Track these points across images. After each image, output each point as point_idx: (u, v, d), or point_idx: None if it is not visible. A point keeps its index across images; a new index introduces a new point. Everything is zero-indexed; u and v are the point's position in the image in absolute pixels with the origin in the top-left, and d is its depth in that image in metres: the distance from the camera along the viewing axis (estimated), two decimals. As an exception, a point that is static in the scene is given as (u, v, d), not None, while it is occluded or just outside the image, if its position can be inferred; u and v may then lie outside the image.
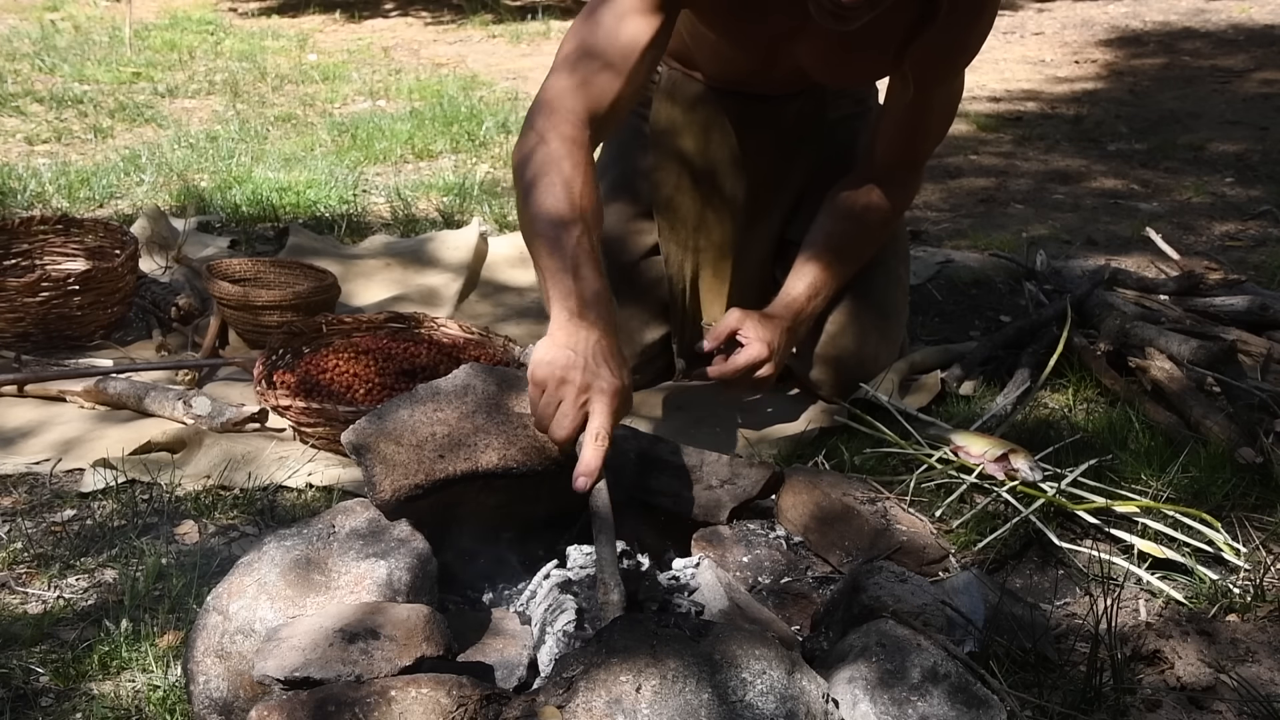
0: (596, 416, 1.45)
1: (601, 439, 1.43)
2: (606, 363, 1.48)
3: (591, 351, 1.48)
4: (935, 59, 1.92)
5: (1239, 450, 1.86)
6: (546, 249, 1.60)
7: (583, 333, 1.50)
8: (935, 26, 1.86)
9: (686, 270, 2.23)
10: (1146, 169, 3.91)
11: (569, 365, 1.46)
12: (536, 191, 1.66)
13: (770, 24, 1.92)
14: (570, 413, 1.44)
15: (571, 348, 1.48)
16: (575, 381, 1.45)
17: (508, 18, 6.80)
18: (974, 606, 1.46)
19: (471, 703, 1.16)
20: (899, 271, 2.25)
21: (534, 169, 1.68)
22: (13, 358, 2.35)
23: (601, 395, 1.45)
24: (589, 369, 1.46)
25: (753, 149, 2.15)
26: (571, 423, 1.45)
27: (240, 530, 1.81)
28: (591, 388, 1.45)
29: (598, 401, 1.45)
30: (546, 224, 1.62)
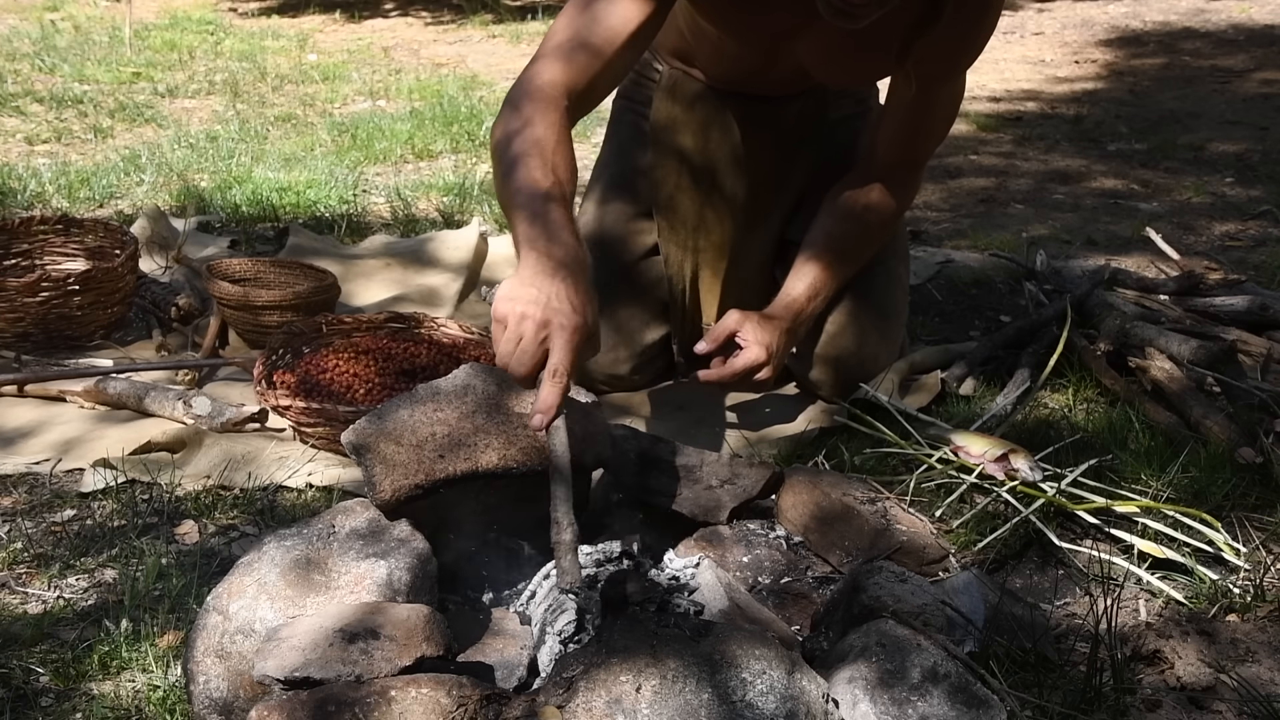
0: (555, 352, 1.42)
1: (560, 375, 1.40)
2: (569, 299, 1.45)
3: (556, 290, 1.45)
4: (939, 58, 1.92)
5: (1239, 450, 1.86)
6: (527, 219, 1.57)
7: (547, 272, 1.48)
8: (940, 25, 1.86)
9: (686, 270, 2.23)
10: (1146, 169, 3.91)
11: (530, 300, 1.43)
12: (519, 168, 1.64)
13: (773, 20, 1.92)
14: (530, 349, 1.42)
15: (535, 285, 1.45)
16: (535, 317, 1.42)
17: (508, 18, 6.80)
18: (974, 606, 1.46)
19: (471, 703, 1.16)
20: (899, 271, 2.25)
21: (517, 146, 1.66)
22: (13, 358, 2.35)
23: (561, 331, 1.42)
24: (549, 305, 1.43)
25: (753, 149, 2.15)
26: (531, 359, 1.42)
27: (240, 530, 1.81)
28: (551, 323, 1.42)
29: (557, 337, 1.42)
30: (527, 197, 1.60)
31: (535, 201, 1.58)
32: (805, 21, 1.85)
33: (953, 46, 1.92)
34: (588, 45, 1.78)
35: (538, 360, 1.42)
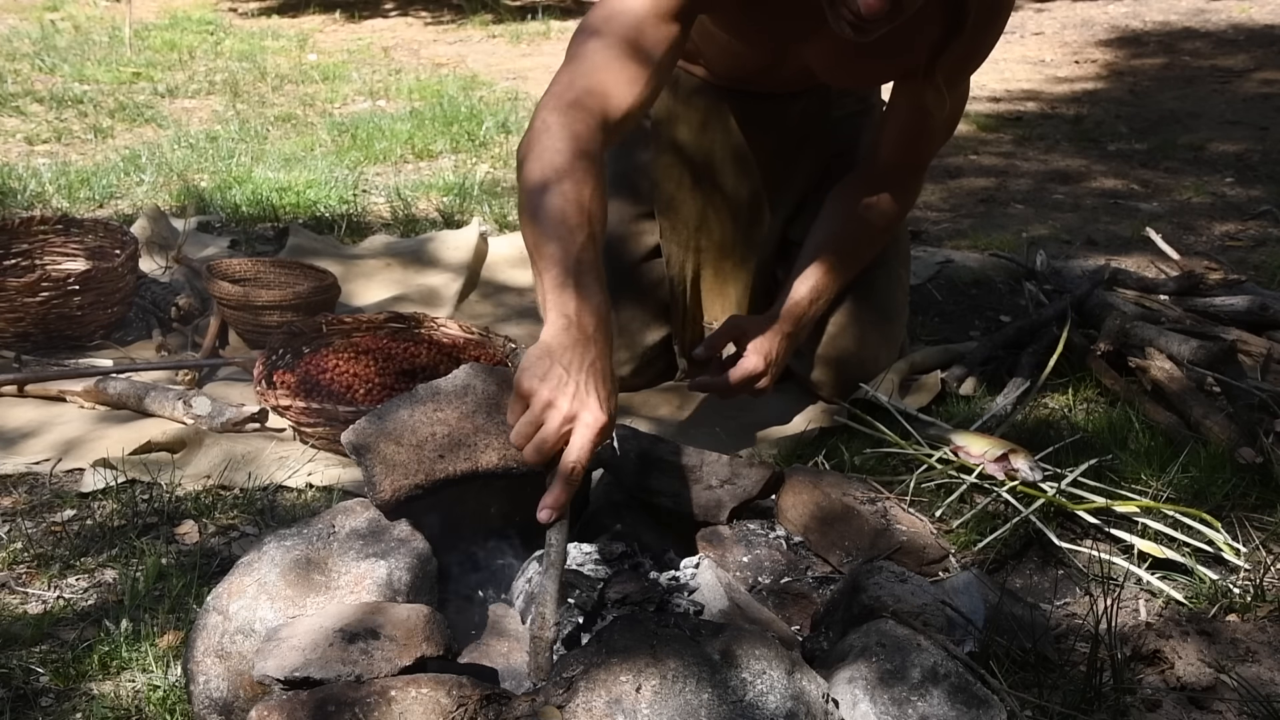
0: (575, 450, 1.36)
1: (577, 474, 1.36)
2: (597, 391, 1.39)
3: (585, 375, 1.40)
4: (948, 64, 1.92)
5: (1239, 450, 1.86)
6: (549, 255, 1.51)
7: (579, 349, 1.41)
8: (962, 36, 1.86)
9: (688, 270, 2.23)
10: (1146, 169, 3.91)
11: (558, 386, 1.38)
12: (545, 196, 1.58)
13: (783, 26, 1.92)
14: (550, 440, 1.37)
15: (565, 366, 1.39)
16: (562, 410, 1.37)
17: (508, 18, 6.80)
18: (974, 606, 1.46)
19: (471, 703, 1.16)
20: (900, 272, 2.25)
21: (544, 173, 1.59)
22: (13, 358, 2.35)
23: (586, 429, 1.36)
24: (579, 396, 1.38)
25: (755, 148, 2.15)
26: (550, 449, 1.37)
27: (240, 530, 1.81)
28: (578, 418, 1.37)
29: (580, 435, 1.37)
30: (552, 230, 1.53)
31: (569, 255, 1.50)
32: (815, 27, 1.84)
33: (964, 53, 1.92)
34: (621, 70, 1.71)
35: (556, 450, 1.37)
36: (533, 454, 1.37)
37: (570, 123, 1.64)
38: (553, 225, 1.54)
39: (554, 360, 1.39)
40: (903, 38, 1.82)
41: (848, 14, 1.68)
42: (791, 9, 1.86)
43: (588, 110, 1.66)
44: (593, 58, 1.72)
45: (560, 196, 1.56)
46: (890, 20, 1.68)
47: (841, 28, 1.72)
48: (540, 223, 1.55)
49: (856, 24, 1.69)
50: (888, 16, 1.67)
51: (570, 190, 1.57)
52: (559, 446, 1.37)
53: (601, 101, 1.68)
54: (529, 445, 1.38)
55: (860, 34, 1.71)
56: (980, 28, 1.89)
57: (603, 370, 1.42)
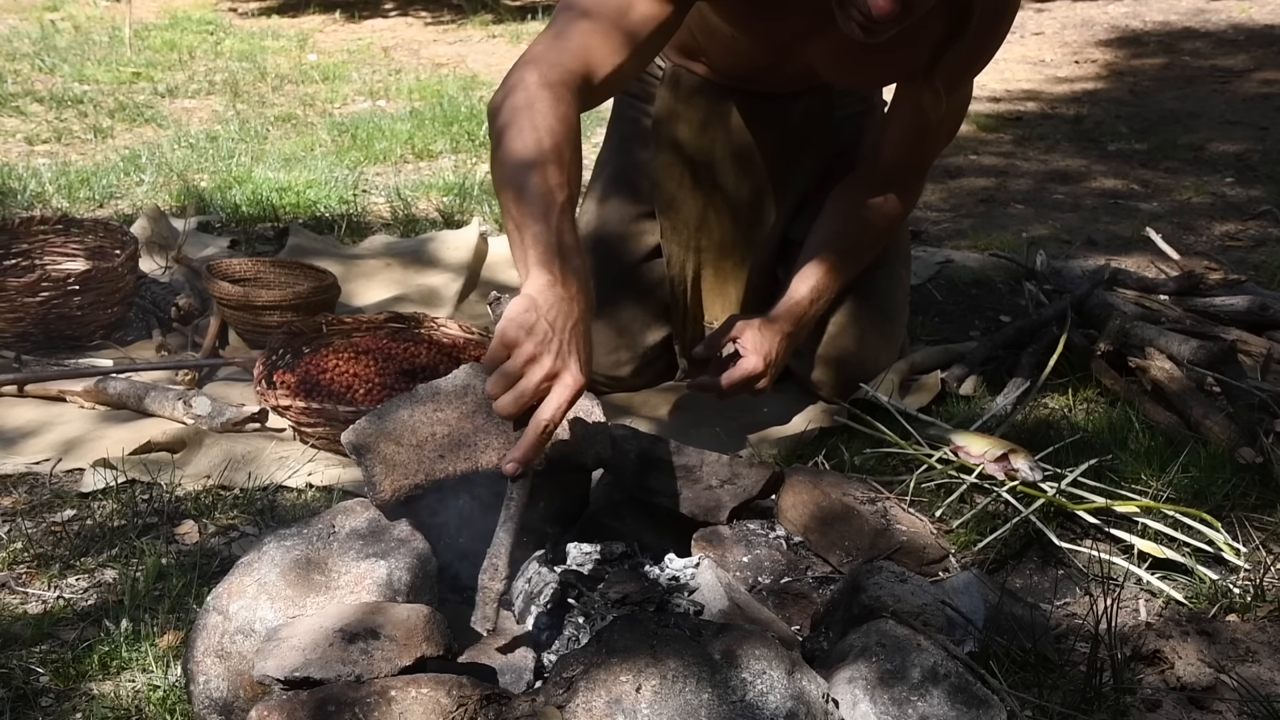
0: (551, 407, 1.38)
1: (549, 431, 1.38)
2: (578, 353, 1.42)
3: (569, 335, 1.41)
4: (952, 66, 1.92)
5: (1239, 450, 1.86)
6: (514, 195, 1.51)
7: (563, 307, 1.42)
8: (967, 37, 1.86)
9: (688, 270, 2.23)
10: (1146, 169, 3.91)
11: (544, 342, 1.38)
12: (508, 135, 1.57)
13: (789, 23, 1.91)
14: (527, 394, 1.37)
15: (550, 322, 1.40)
16: (544, 365, 1.38)
17: (508, 18, 6.79)
18: (974, 606, 1.46)
19: (471, 703, 1.16)
20: (900, 272, 2.25)
21: (508, 114, 1.59)
22: (13, 358, 2.35)
23: (564, 389, 1.38)
24: (561, 355, 1.39)
25: (757, 147, 2.15)
26: (525, 404, 1.38)
27: (240, 530, 1.81)
28: (559, 377, 1.38)
29: (558, 394, 1.38)
30: (515, 168, 1.53)
31: (550, 215, 1.50)
32: (820, 25, 1.84)
33: (966, 56, 1.92)
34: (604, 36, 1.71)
35: (530, 406, 1.38)
36: (509, 405, 1.38)
37: (542, 73, 1.64)
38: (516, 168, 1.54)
39: (539, 315, 1.40)
40: (908, 38, 1.81)
41: (857, 15, 1.68)
42: (798, 6, 1.86)
43: (565, 71, 1.66)
44: (577, 22, 1.72)
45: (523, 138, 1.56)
46: (900, 22, 1.68)
47: (850, 28, 1.71)
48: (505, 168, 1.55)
49: (866, 25, 1.68)
50: (898, 18, 1.66)
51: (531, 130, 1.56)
52: (535, 402, 1.38)
53: (580, 66, 1.68)
54: (506, 396, 1.38)
55: (869, 35, 1.70)
56: (984, 31, 1.89)
57: (584, 333, 1.44)
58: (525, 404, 1.38)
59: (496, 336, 1.39)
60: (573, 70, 1.67)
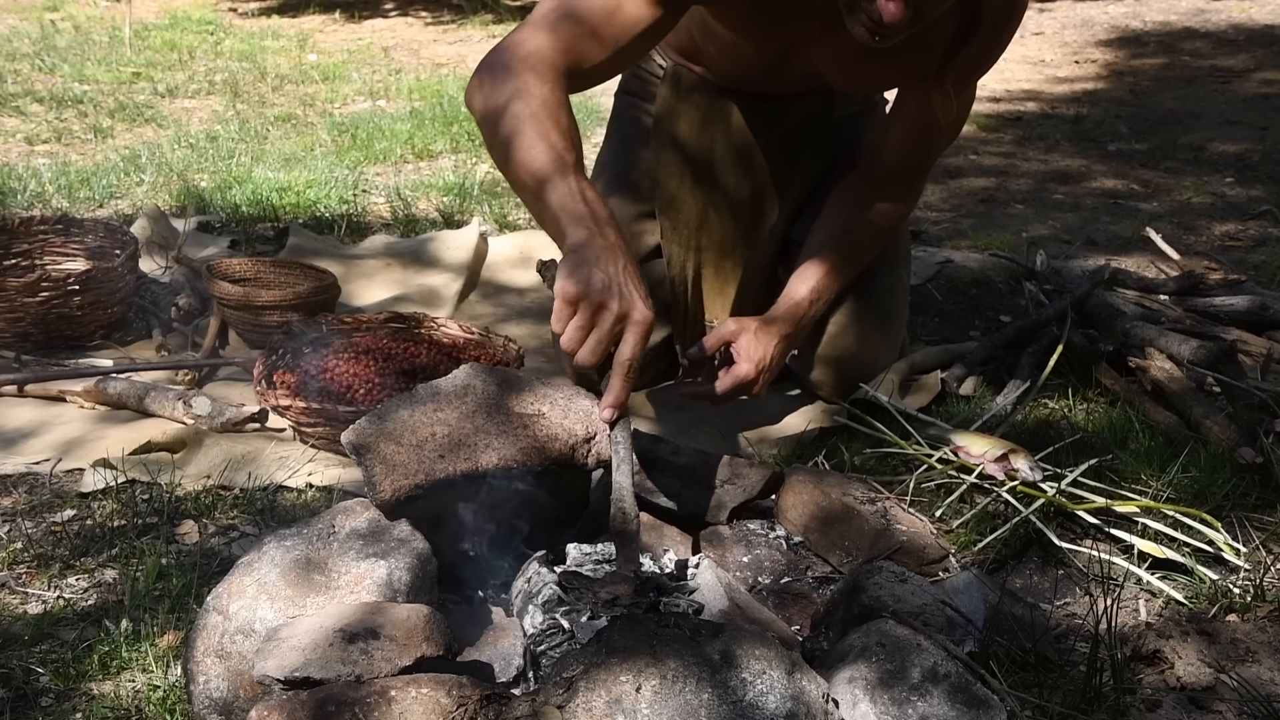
0: (628, 347, 1.43)
1: (633, 371, 1.43)
2: (638, 291, 1.46)
3: (624, 277, 1.45)
4: (960, 67, 1.92)
5: (1239, 450, 1.86)
6: (548, 185, 1.54)
7: (610, 253, 1.46)
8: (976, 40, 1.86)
9: (689, 270, 2.23)
10: (1146, 169, 3.91)
11: (605, 290, 1.43)
12: (524, 138, 1.60)
13: (791, 30, 1.91)
14: (604, 339, 1.42)
15: (604, 270, 1.44)
16: (613, 309, 1.42)
17: (508, 18, 6.79)
18: (974, 606, 1.46)
19: (471, 703, 1.16)
20: (900, 273, 2.25)
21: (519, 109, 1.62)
22: (13, 358, 2.35)
23: (636, 326, 1.43)
24: (625, 297, 1.43)
25: (757, 147, 2.15)
26: (604, 350, 1.43)
27: (240, 530, 1.81)
28: (629, 317, 1.43)
29: (631, 333, 1.43)
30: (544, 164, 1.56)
31: (567, 179, 1.55)
32: (825, 29, 1.84)
33: (976, 58, 1.92)
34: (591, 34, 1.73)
35: (608, 351, 1.43)
36: (588, 356, 1.43)
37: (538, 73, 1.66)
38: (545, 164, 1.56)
39: (592, 266, 1.44)
40: (917, 42, 1.81)
41: (867, 20, 1.67)
42: (803, 10, 1.85)
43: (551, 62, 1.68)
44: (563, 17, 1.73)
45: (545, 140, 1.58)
46: (910, 27, 1.67)
47: (860, 34, 1.70)
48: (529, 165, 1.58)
49: (876, 30, 1.68)
50: (908, 24, 1.66)
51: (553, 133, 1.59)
52: (612, 346, 1.43)
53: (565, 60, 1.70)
54: (584, 348, 1.43)
55: (879, 40, 1.70)
56: (993, 32, 1.89)
57: (636, 274, 1.48)
58: (605, 350, 1.43)
59: (558, 295, 1.44)
60: (557, 63, 1.70)
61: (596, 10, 1.73)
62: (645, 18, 1.75)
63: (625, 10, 1.74)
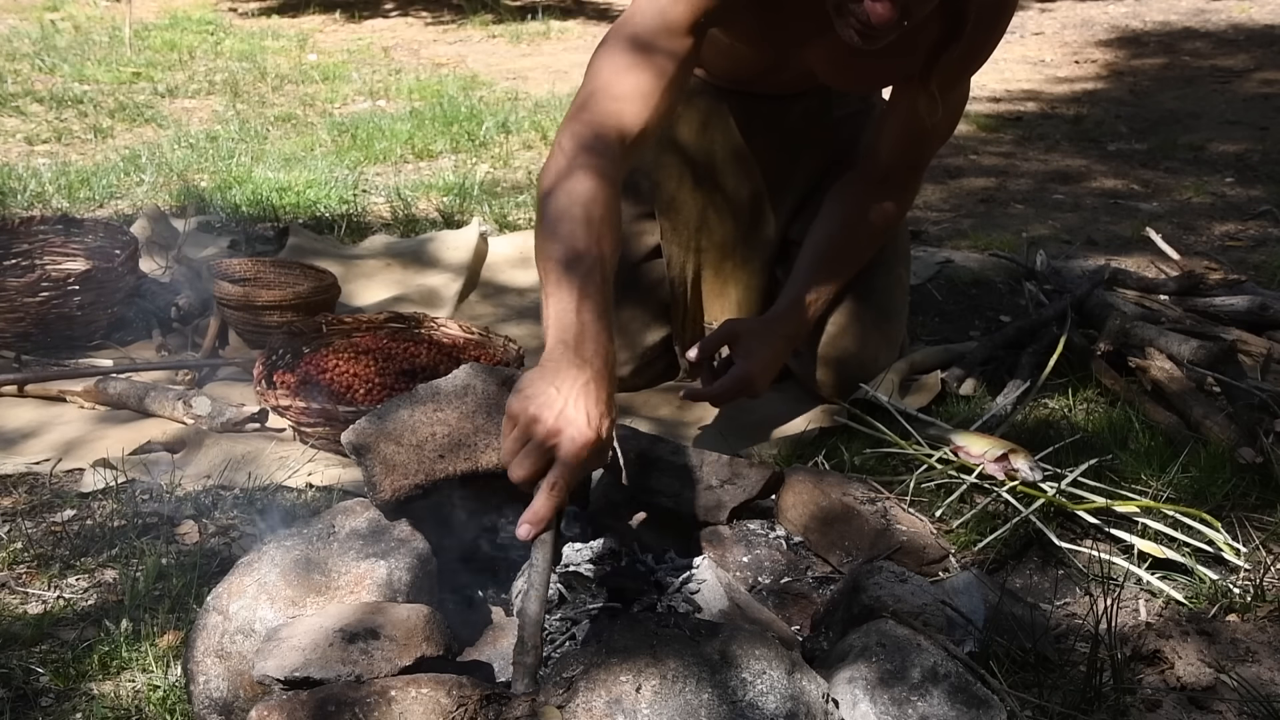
0: (559, 465, 1.32)
1: (558, 490, 1.31)
2: (586, 410, 1.35)
3: (576, 394, 1.35)
4: (949, 68, 1.92)
5: (1239, 450, 1.86)
6: (561, 300, 1.47)
7: (573, 371, 1.38)
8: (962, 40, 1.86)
9: (688, 271, 2.23)
10: (1146, 169, 3.91)
11: (545, 404, 1.34)
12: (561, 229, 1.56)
13: (788, 31, 1.92)
14: (533, 455, 1.32)
15: (556, 386, 1.36)
16: (546, 423, 1.33)
17: (508, 18, 6.80)
18: (974, 606, 1.46)
19: (471, 703, 1.16)
20: (900, 272, 2.25)
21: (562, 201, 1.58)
22: (13, 358, 2.35)
23: (570, 443, 1.32)
24: (564, 415, 1.33)
25: (756, 148, 2.15)
26: (533, 465, 1.32)
27: (240, 530, 1.81)
28: (561, 434, 1.32)
29: (565, 449, 1.32)
30: (566, 270, 1.50)
31: (574, 279, 1.48)
32: (817, 31, 1.84)
33: (963, 58, 1.92)
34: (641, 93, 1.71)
35: (539, 468, 1.33)
36: (517, 470, 1.33)
37: (587, 146, 1.63)
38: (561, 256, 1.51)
39: (545, 381, 1.36)
40: (905, 43, 1.81)
41: (855, 22, 1.68)
42: (797, 15, 1.86)
43: (603, 129, 1.66)
44: (607, 76, 1.72)
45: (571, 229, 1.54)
46: (897, 29, 1.68)
47: (848, 35, 1.71)
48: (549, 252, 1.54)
49: (864, 32, 1.69)
50: (895, 25, 1.66)
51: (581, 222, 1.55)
52: (542, 463, 1.33)
53: (617, 121, 1.68)
54: (512, 464, 1.34)
55: (867, 42, 1.71)
56: (981, 30, 1.89)
57: (596, 392, 1.38)
58: (534, 468, 1.33)
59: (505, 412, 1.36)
60: (607, 127, 1.67)
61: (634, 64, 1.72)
62: (678, 52, 1.74)
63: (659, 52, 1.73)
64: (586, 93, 1.72)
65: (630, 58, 1.73)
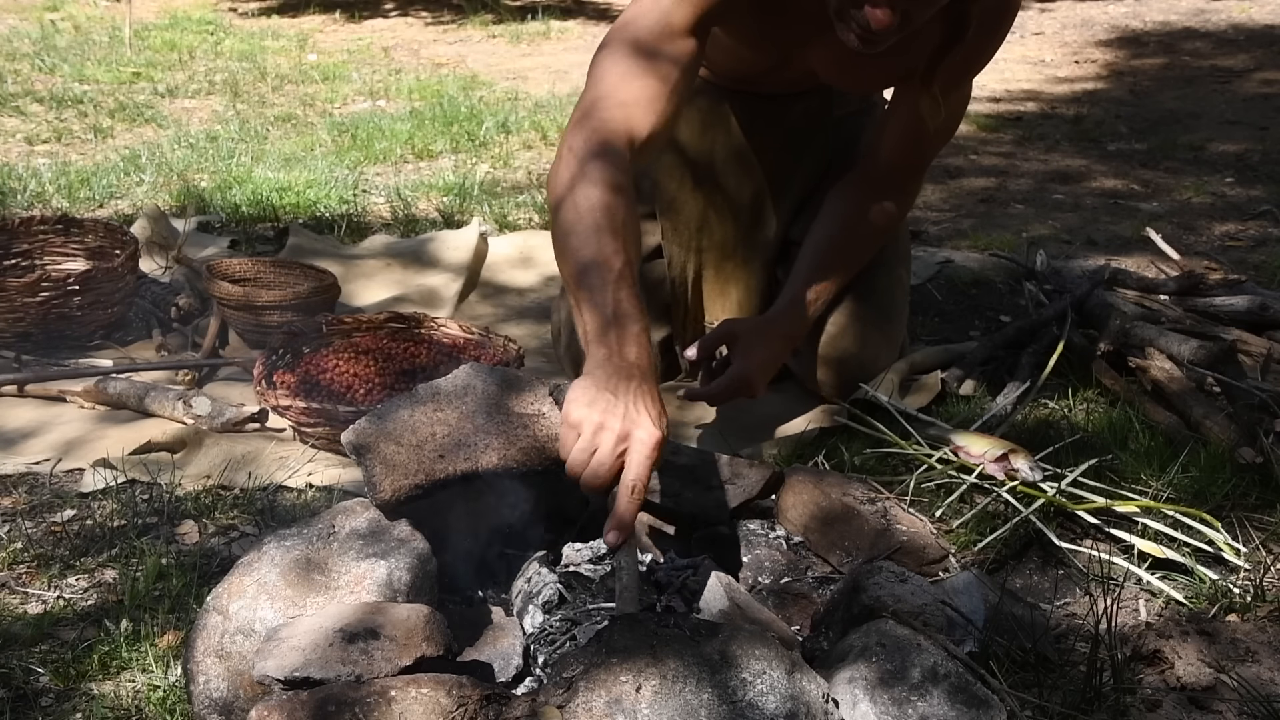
0: (633, 468, 1.35)
1: (638, 492, 1.34)
2: (647, 410, 1.38)
3: (633, 397, 1.38)
4: (951, 70, 1.92)
5: (1239, 450, 1.86)
6: (597, 307, 1.49)
7: (622, 376, 1.40)
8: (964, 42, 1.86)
9: (689, 271, 2.23)
10: (1146, 169, 3.91)
11: (608, 410, 1.36)
12: (561, 212, 1.58)
13: (790, 32, 1.92)
14: (607, 461, 1.35)
15: (611, 391, 1.38)
16: (614, 429, 1.35)
17: (508, 18, 6.80)
18: (974, 606, 1.46)
19: (471, 703, 1.16)
20: (900, 272, 2.25)
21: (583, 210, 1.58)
22: (13, 358, 2.35)
23: (641, 445, 1.35)
24: (629, 416, 1.36)
25: (758, 148, 2.15)
26: (609, 471, 1.35)
27: (240, 530, 1.81)
28: (631, 436, 1.35)
29: (636, 452, 1.35)
30: (598, 279, 1.51)
31: (605, 286, 1.49)
32: (819, 32, 1.84)
33: (965, 59, 1.92)
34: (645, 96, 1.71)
35: (614, 474, 1.35)
36: (592, 479, 1.35)
37: (597, 154, 1.63)
38: (590, 261, 1.53)
39: (599, 388, 1.38)
40: (906, 46, 1.81)
41: (856, 27, 1.68)
42: (798, 16, 1.86)
43: (613, 135, 1.66)
44: (612, 81, 1.71)
45: (596, 235, 1.55)
46: (899, 33, 1.68)
47: (849, 39, 1.71)
48: (575, 255, 1.55)
49: (864, 36, 1.69)
50: (896, 29, 1.66)
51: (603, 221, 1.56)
52: (617, 468, 1.35)
53: (625, 127, 1.67)
54: (586, 472, 1.36)
55: (868, 45, 1.70)
56: (984, 32, 1.89)
57: (650, 392, 1.41)
58: (607, 474, 1.35)
59: (562, 420, 1.38)
60: (616, 134, 1.66)
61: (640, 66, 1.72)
62: (682, 54, 1.74)
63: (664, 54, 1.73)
64: (591, 98, 1.71)
65: (634, 62, 1.72)
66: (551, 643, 1.37)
